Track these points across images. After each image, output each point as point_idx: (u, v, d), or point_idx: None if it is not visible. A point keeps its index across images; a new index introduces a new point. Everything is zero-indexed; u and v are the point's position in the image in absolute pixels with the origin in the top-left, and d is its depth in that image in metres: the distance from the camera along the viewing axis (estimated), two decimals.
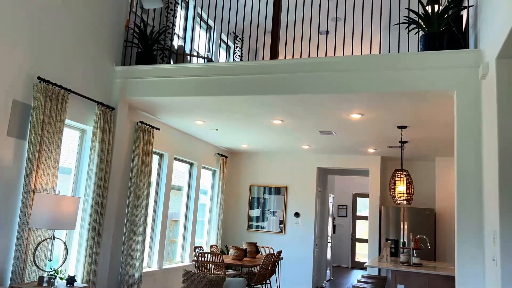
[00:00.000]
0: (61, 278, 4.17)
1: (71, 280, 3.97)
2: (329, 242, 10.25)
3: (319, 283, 9.21)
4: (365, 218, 13.16)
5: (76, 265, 4.63)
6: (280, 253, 7.23)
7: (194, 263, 6.47)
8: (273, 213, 8.68)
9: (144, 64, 5.18)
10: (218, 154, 8.42)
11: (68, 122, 4.63)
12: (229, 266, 7.17)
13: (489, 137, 3.37)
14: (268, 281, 8.31)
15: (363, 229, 13.30)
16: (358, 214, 13.46)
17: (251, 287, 6.52)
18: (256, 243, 7.33)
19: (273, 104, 4.98)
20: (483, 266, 3.61)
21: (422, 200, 8.43)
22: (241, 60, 5.82)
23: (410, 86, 4.11)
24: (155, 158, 6.57)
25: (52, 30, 4.31)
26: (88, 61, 4.82)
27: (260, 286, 8.41)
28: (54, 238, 3.94)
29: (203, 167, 8.08)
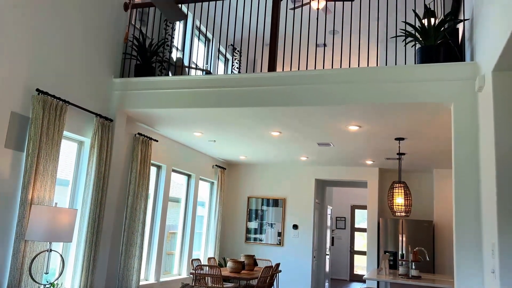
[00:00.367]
0: None
1: None
2: (328, 255, 10.18)
3: None
4: (364, 230, 13.09)
5: (73, 278, 4.59)
6: (278, 266, 7.18)
7: (192, 276, 6.42)
8: (271, 225, 8.64)
9: (143, 76, 5.21)
10: (216, 166, 8.41)
11: (66, 134, 4.63)
12: (227, 279, 7.10)
13: (486, 149, 3.38)
14: None
15: (362, 241, 13.23)
16: (357, 226, 13.40)
17: None
18: (254, 256, 7.27)
19: (271, 116, 4.99)
20: (483, 279, 3.59)
21: (420, 212, 8.42)
22: (239, 73, 5.85)
23: (408, 99, 4.13)
24: (153, 170, 6.56)
25: (51, 42, 4.33)
26: (87, 73, 4.84)
27: None
28: (51, 251, 3.91)
29: (201, 179, 8.06)
